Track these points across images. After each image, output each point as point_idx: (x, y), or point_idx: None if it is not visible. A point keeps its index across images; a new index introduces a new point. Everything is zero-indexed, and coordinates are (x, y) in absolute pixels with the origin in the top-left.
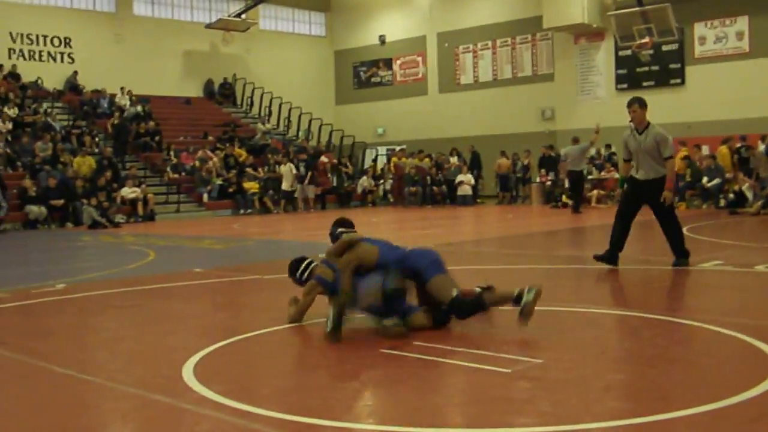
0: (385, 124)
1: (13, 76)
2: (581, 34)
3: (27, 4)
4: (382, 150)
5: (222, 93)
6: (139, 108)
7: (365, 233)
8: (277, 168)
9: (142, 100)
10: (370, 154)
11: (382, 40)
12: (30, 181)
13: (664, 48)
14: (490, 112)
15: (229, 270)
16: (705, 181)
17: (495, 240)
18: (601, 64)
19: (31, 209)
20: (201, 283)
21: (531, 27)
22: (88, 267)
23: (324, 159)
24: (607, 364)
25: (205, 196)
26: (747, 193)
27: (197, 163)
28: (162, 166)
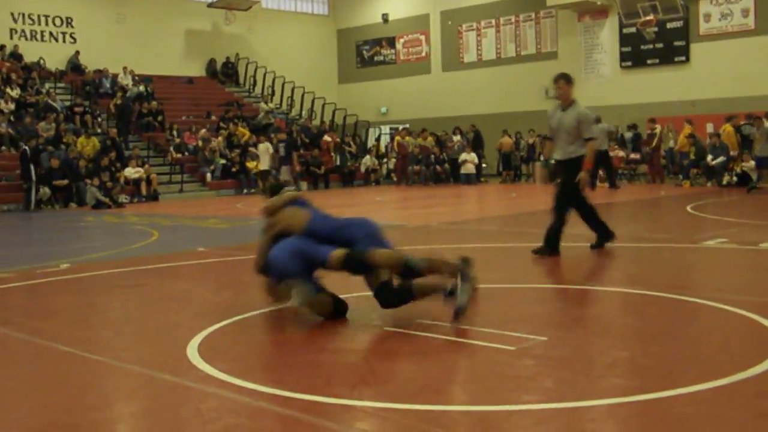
0: (388, 103)
1: (15, 57)
2: (585, 11)
3: None
4: (386, 129)
5: (224, 72)
6: (141, 88)
7: (368, 212)
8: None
9: (144, 79)
10: (373, 133)
11: (385, 19)
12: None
13: (669, 25)
14: (494, 90)
15: (233, 249)
16: (709, 159)
17: (498, 218)
18: (606, 42)
19: None
20: (205, 262)
21: (534, 5)
22: (92, 247)
23: (327, 138)
24: (612, 341)
25: (208, 176)
26: (751, 174)
27: (200, 142)
28: (165, 146)
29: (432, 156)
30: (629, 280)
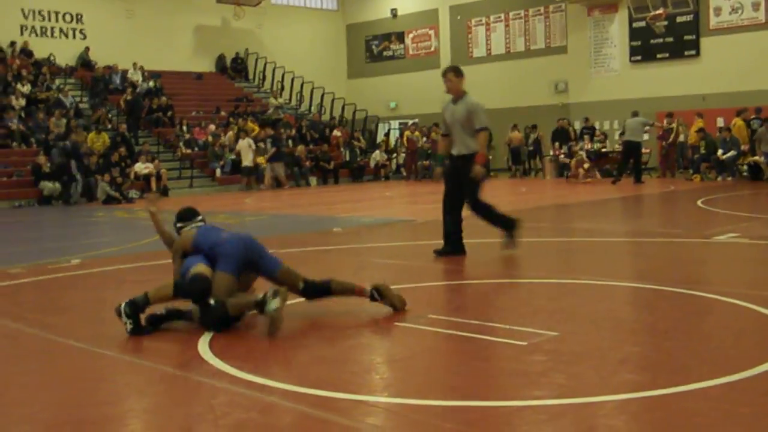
0: (397, 98)
1: (25, 53)
2: (595, 5)
3: None
4: (395, 124)
5: (234, 68)
6: (151, 83)
7: (377, 207)
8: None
9: (153, 75)
10: (382, 128)
11: (394, 14)
12: (44, 158)
13: (679, 19)
14: (503, 85)
15: None
16: (720, 153)
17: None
18: (615, 36)
19: (46, 185)
20: None
21: None
22: (102, 242)
23: (336, 133)
24: (623, 336)
25: (218, 171)
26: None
27: (210, 138)
28: (175, 142)
29: None
30: (640, 275)
